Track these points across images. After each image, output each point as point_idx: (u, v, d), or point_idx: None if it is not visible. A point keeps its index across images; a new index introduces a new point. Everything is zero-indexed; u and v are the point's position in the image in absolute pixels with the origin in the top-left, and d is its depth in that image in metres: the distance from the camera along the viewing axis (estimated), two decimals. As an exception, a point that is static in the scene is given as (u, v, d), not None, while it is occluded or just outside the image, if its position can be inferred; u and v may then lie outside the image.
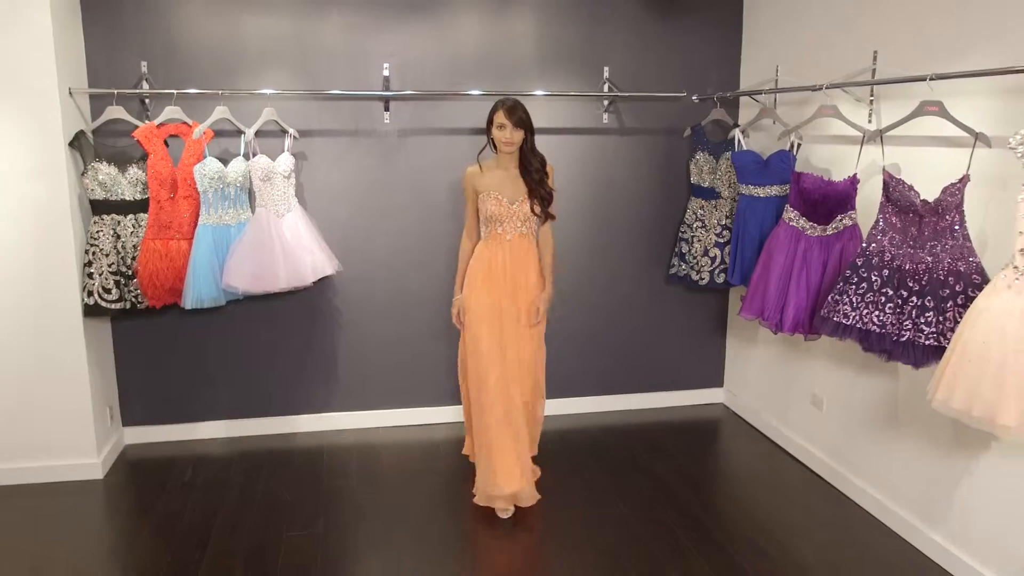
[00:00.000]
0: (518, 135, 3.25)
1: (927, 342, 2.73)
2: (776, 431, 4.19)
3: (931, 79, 2.76)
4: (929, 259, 2.76)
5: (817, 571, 2.99)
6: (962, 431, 2.85)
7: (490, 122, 3.30)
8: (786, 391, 4.09)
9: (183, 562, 3.03)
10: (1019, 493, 2.67)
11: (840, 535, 3.28)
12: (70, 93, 3.54)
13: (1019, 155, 2.30)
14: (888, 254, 2.92)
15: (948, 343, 2.60)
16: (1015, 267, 2.33)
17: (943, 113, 2.79)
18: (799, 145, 3.69)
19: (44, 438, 3.68)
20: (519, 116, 3.23)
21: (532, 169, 3.34)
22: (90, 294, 3.58)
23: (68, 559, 3.08)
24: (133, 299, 3.66)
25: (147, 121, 3.69)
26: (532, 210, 3.34)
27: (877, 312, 2.90)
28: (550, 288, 3.51)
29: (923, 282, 2.77)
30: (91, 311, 3.62)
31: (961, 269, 2.66)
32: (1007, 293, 2.33)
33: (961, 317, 2.57)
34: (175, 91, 3.69)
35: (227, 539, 3.20)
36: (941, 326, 2.70)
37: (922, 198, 2.82)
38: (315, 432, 4.32)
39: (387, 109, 4.08)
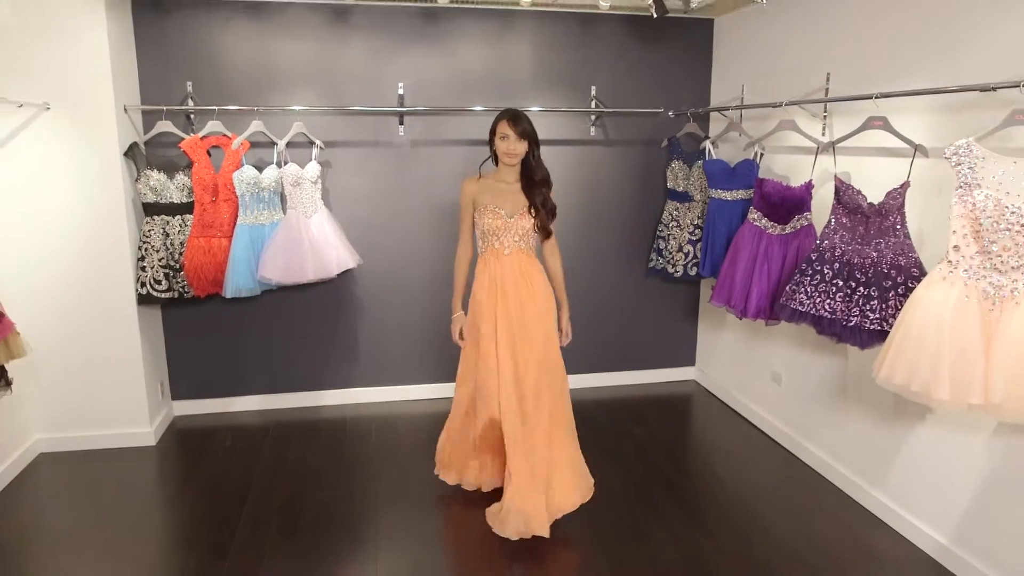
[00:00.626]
0: (521, 147, 2.77)
1: (872, 327, 2.73)
2: (740, 404, 4.20)
3: (877, 97, 2.75)
4: (874, 254, 2.76)
5: (772, 522, 3.00)
6: (902, 404, 2.86)
7: (493, 132, 2.82)
8: (749, 369, 4.10)
9: (225, 517, 3.05)
10: (950, 457, 2.68)
11: (793, 492, 3.29)
12: (125, 109, 3.54)
13: (953, 164, 2.30)
14: (839, 250, 2.92)
15: (890, 328, 2.61)
16: (949, 261, 2.33)
17: (887, 127, 2.79)
18: (762, 155, 3.68)
19: (105, 410, 3.69)
20: (523, 127, 2.75)
21: (536, 182, 2.84)
22: (143, 285, 3.58)
23: (127, 513, 3.09)
24: (180, 289, 3.66)
25: (192, 134, 3.68)
26: (534, 227, 2.85)
27: (828, 300, 2.91)
28: (566, 305, 3.07)
29: (869, 274, 2.77)
30: (144, 300, 3.62)
31: (902, 263, 2.66)
32: (942, 284, 2.33)
33: (902, 305, 2.57)
34: (216, 107, 3.68)
35: (262, 498, 3.21)
36: (884, 312, 2.70)
37: (869, 201, 2.82)
38: (339, 405, 4.33)
39: (401, 123, 4.07)
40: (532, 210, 2.84)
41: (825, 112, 3.31)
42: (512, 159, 2.80)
